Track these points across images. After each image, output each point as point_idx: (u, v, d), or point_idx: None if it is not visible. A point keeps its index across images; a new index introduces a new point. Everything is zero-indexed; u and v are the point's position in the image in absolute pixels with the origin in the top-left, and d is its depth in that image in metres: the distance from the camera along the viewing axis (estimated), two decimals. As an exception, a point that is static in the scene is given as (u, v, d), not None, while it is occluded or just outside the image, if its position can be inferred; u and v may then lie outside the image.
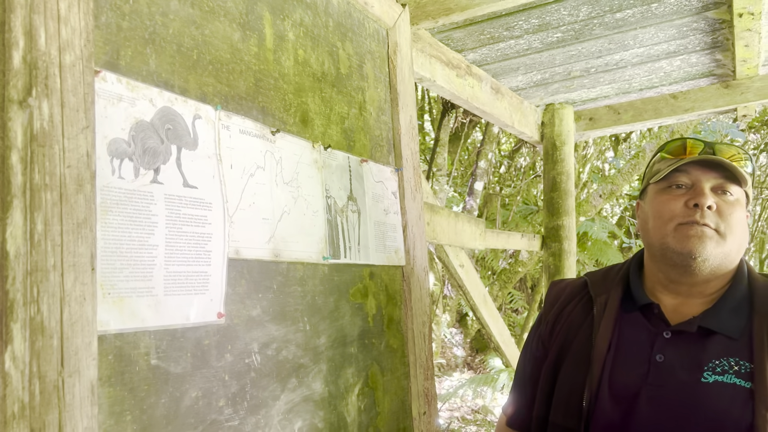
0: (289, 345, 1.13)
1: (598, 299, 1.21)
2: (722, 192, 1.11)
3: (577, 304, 1.26)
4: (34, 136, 0.72)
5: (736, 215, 1.10)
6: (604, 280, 1.26)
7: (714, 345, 1.08)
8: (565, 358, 1.20)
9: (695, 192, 1.11)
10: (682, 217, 1.11)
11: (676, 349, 1.10)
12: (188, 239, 0.93)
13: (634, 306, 1.18)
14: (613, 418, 1.10)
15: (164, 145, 0.92)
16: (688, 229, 1.10)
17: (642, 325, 1.16)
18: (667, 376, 1.08)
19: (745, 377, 1.03)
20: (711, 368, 1.06)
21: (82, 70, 0.79)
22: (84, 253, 0.76)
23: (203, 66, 1.01)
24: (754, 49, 2.41)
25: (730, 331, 1.08)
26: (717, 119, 5.98)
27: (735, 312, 1.10)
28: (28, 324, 0.70)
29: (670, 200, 1.13)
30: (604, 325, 1.17)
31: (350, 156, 1.38)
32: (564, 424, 1.14)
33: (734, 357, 1.05)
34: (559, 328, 1.25)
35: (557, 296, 1.32)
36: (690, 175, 1.13)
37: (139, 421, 0.84)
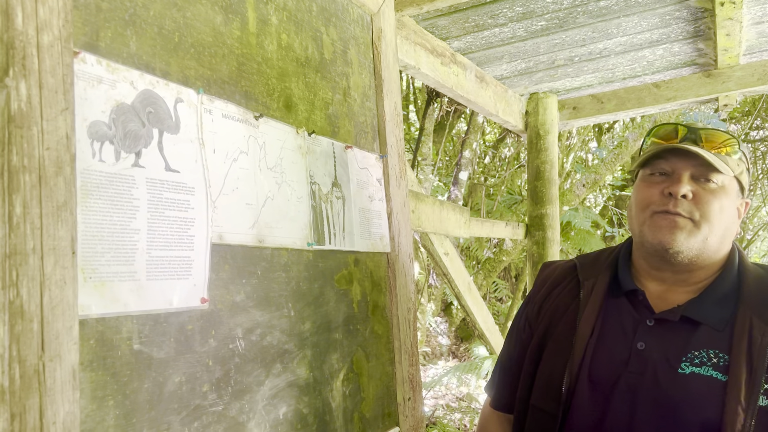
0: (274, 330, 1.13)
1: (586, 283, 1.21)
2: (705, 180, 1.10)
3: (565, 287, 1.25)
4: (12, 117, 0.71)
5: (716, 203, 1.08)
6: (594, 264, 1.25)
7: (696, 336, 1.07)
8: (549, 341, 1.20)
9: (672, 180, 1.11)
10: (657, 206, 1.11)
11: (657, 338, 1.10)
12: (171, 224, 0.92)
13: (621, 291, 1.18)
14: (591, 403, 1.10)
15: (146, 128, 0.91)
16: (661, 219, 1.10)
17: (627, 312, 1.16)
18: (646, 364, 1.08)
19: (722, 370, 1.02)
20: (689, 359, 1.05)
21: (61, 50, 0.78)
22: (64, 236, 0.75)
23: (185, 49, 1.00)
24: (736, 38, 2.44)
25: (713, 322, 1.07)
26: (699, 109, 6.04)
27: (721, 303, 1.09)
28: (7, 308, 0.69)
29: (649, 187, 1.13)
30: (589, 309, 1.16)
31: (334, 142, 1.38)
32: (543, 407, 1.15)
33: (714, 349, 1.05)
34: (546, 310, 1.25)
35: (547, 278, 1.32)
36: (670, 163, 1.12)
37: (122, 406, 0.83)
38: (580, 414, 1.10)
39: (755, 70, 2.82)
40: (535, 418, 1.17)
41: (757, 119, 8.05)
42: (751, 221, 10.12)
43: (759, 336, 1.01)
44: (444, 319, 6.85)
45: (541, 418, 1.15)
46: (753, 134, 8.61)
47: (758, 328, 1.02)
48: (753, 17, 2.37)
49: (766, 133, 8.48)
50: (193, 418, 0.94)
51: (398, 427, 1.51)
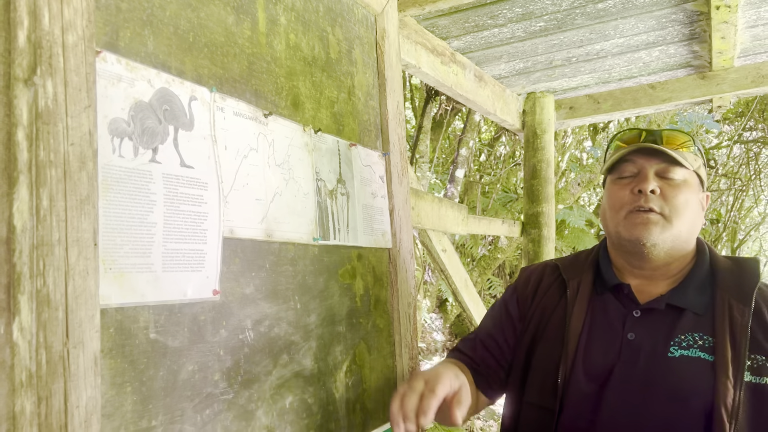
0: (281, 322, 1.16)
1: (571, 282, 1.28)
2: (668, 176, 1.18)
3: (550, 286, 1.33)
4: (39, 114, 0.74)
5: (681, 197, 1.17)
6: (575, 264, 1.33)
7: (681, 321, 1.15)
8: (540, 339, 1.26)
9: (639, 178, 1.19)
10: (629, 205, 1.19)
11: (645, 327, 1.17)
12: (185, 218, 0.96)
13: (605, 287, 1.24)
14: (586, 394, 1.16)
15: (162, 125, 0.94)
16: (635, 217, 1.18)
17: (613, 306, 1.22)
18: (638, 352, 1.15)
19: (708, 351, 1.10)
20: (677, 343, 1.12)
21: (84, 50, 0.81)
22: (87, 228, 0.79)
23: (199, 48, 1.03)
24: (730, 41, 2.48)
25: (696, 307, 1.15)
26: (693, 110, 6.10)
27: (700, 290, 1.17)
28: (35, 296, 0.72)
29: (620, 189, 1.22)
30: (577, 306, 1.23)
31: (339, 140, 1.41)
32: (539, 403, 1.20)
33: (699, 332, 1.12)
34: (535, 306, 1.31)
35: (530, 275, 1.40)
36: (635, 164, 1.21)
37: (139, 392, 0.87)
38: (577, 406, 1.15)
39: (749, 72, 2.87)
40: (530, 414, 1.22)
41: (751, 120, 8.12)
42: (743, 221, 10.22)
43: (739, 316, 1.10)
44: (439, 316, 6.90)
45: (537, 414, 1.20)
46: (746, 135, 8.68)
47: (737, 309, 1.11)
48: (747, 21, 2.41)
49: (759, 134, 8.56)
50: (205, 405, 0.97)
51: (398, 419, 1.54)
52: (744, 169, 8.99)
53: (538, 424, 1.20)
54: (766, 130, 8.35)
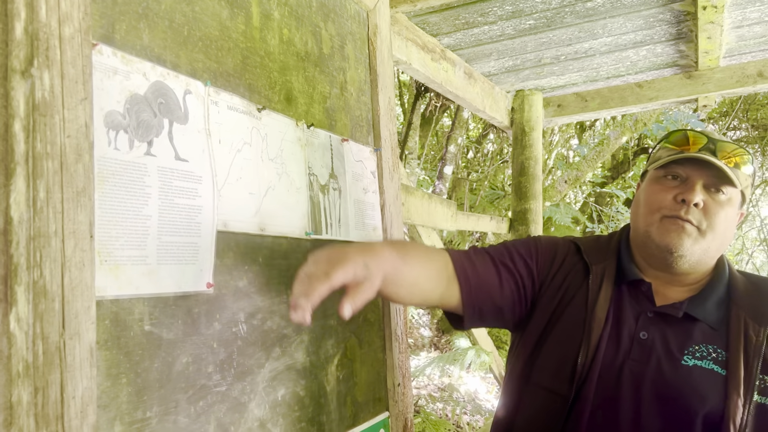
0: (274, 316, 1.17)
1: (595, 267, 1.24)
2: (715, 190, 1.14)
3: (573, 266, 1.27)
4: (36, 106, 0.74)
5: (722, 214, 1.14)
6: (598, 249, 1.28)
7: (695, 331, 1.14)
8: (557, 322, 1.23)
9: (686, 187, 1.14)
10: (668, 210, 1.15)
11: (659, 330, 1.16)
12: (180, 211, 0.96)
13: (623, 279, 1.23)
14: (601, 389, 1.14)
15: (157, 118, 0.94)
16: (670, 223, 1.14)
17: (628, 301, 1.21)
18: (650, 354, 1.14)
19: (721, 365, 1.10)
20: (691, 353, 1.12)
21: (81, 42, 0.81)
22: (83, 220, 0.79)
23: (193, 42, 1.04)
24: (716, 41, 2.52)
25: (711, 321, 1.14)
26: (678, 109, 6.17)
27: (718, 304, 1.16)
28: (32, 287, 0.72)
29: (662, 191, 1.17)
30: (603, 295, 1.20)
31: (332, 135, 1.42)
32: (551, 387, 1.18)
33: (713, 345, 1.12)
34: (554, 281, 1.26)
35: (555, 244, 1.32)
36: (685, 169, 1.16)
37: (134, 383, 0.87)
38: (590, 398, 1.14)
39: (734, 72, 2.91)
40: (538, 396, 1.20)
41: (734, 120, 8.22)
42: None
43: (754, 336, 1.10)
44: (426, 312, 6.92)
45: (547, 398, 1.18)
46: (730, 135, 8.79)
47: (753, 329, 1.10)
48: (733, 21, 2.45)
49: (742, 134, 8.67)
50: (198, 397, 0.98)
51: (388, 412, 1.56)
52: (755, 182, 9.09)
53: (546, 408, 1.18)
54: (749, 129, 8.46)
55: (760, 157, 8.77)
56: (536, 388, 1.20)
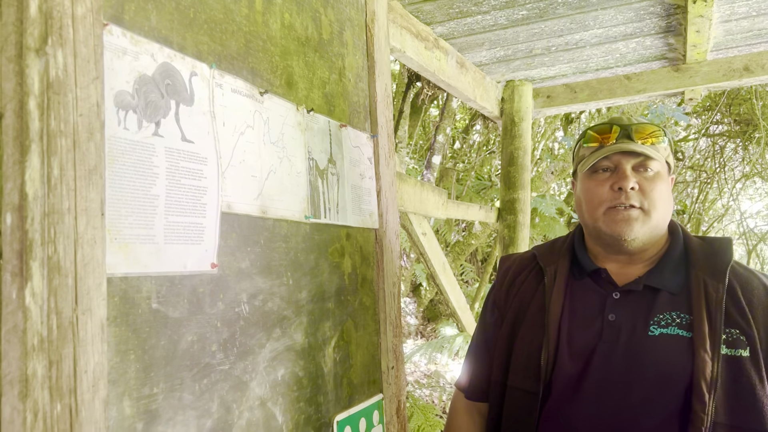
0: (274, 297, 1.19)
1: (548, 269, 1.33)
2: (644, 170, 1.22)
3: (528, 275, 1.37)
4: (50, 84, 0.75)
5: (657, 189, 1.22)
6: (551, 251, 1.38)
7: (658, 301, 1.21)
8: (521, 325, 1.30)
9: (618, 175, 1.23)
10: (609, 201, 1.23)
11: (625, 308, 1.22)
12: (186, 191, 0.97)
13: (583, 273, 1.29)
14: (570, 375, 1.21)
15: (164, 99, 0.95)
16: (615, 213, 1.22)
17: (593, 289, 1.27)
18: (618, 332, 1.20)
19: (686, 328, 1.16)
20: (656, 322, 1.18)
21: (92, 21, 0.82)
22: (95, 198, 0.80)
23: (199, 24, 1.04)
24: (705, 35, 2.56)
25: (671, 287, 1.21)
26: (662, 103, 6.23)
27: (675, 270, 1.23)
28: (46, 263, 0.73)
29: (597, 185, 1.25)
30: (556, 291, 1.28)
31: (330, 120, 1.43)
32: (522, 386, 1.25)
33: (676, 311, 1.18)
34: (513, 296, 1.36)
35: (508, 268, 1.44)
36: (611, 159, 1.24)
37: (142, 360, 0.89)
38: (561, 389, 1.20)
39: (721, 66, 2.96)
40: (514, 398, 1.26)
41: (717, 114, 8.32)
42: (706, 213, 10.50)
43: (714, 293, 1.16)
44: (413, 300, 6.97)
45: (521, 398, 1.24)
46: (713, 129, 8.91)
47: (712, 286, 1.17)
48: (722, 15, 2.49)
49: (725, 128, 8.79)
50: (202, 375, 0.99)
51: (382, 394, 1.59)
52: (710, 162, 9.22)
53: (522, 407, 1.24)
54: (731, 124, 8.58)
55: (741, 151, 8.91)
56: (512, 391, 1.28)
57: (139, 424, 0.87)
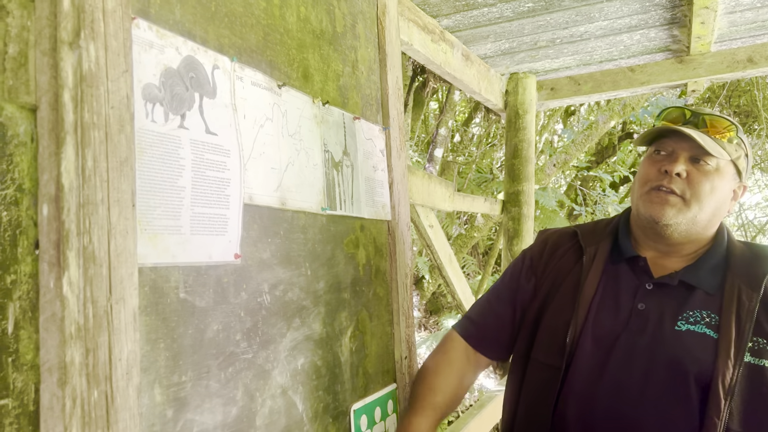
0: (294, 287, 1.20)
1: (588, 249, 1.32)
2: (700, 161, 1.20)
3: (567, 251, 1.37)
4: (83, 77, 0.76)
5: (708, 184, 1.19)
6: (594, 232, 1.37)
7: (691, 298, 1.20)
8: (552, 300, 1.31)
9: (670, 159, 1.22)
10: (653, 182, 1.23)
11: (656, 300, 1.22)
12: (210, 183, 0.99)
13: (621, 258, 1.29)
14: (593, 358, 1.21)
15: (189, 92, 0.96)
16: (654, 195, 1.21)
17: (627, 276, 1.27)
18: (645, 323, 1.20)
19: (713, 328, 1.16)
20: (685, 318, 1.18)
21: (122, 15, 0.83)
22: (126, 189, 0.81)
23: (220, 18, 1.05)
24: (709, 26, 2.57)
25: (707, 286, 1.20)
26: (663, 94, 6.25)
27: (713, 271, 1.22)
28: (82, 253, 0.75)
29: (650, 165, 1.25)
30: (592, 273, 1.28)
31: (344, 113, 1.45)
32: (545, 361, 1.26)
33: (707, 310, 1.18)
34: (550, 270, 1.35)
35: (547, 240, 1.43)
36: (671, 143, 1.23)
37: (171, 348, 0.90)
38: (582, 367, 1.21)
39: (725, 57, 2.97)
40: (536, 371, 1.28)
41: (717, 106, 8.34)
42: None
43: (747, 300, 1.15)
44: (415, 293, 7.00)
45: (543, 371, 1.26)
46: (713, 120, 8.91)
47: (746, 294, 1.16)
48: (727, 7, 2.50)
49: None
50: (227, 363, 1.01)
51: (395, 384, 1.61)
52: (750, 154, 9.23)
53: (543, 380, 1.25)
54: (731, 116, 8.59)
55: (741, 143, 8.92)
56: (535, 364, 1.29)
57: (169, 411, 0.89)
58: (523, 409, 1.31)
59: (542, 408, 1.24)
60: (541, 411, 1.24)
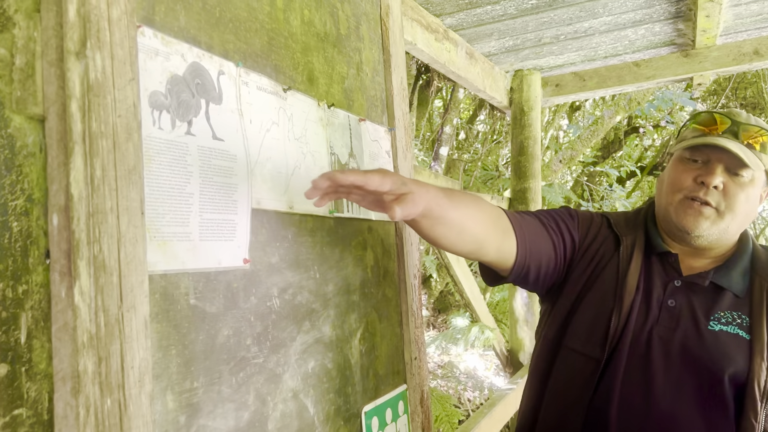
0: (303, 291, 1.20)
1: (625, 239, 1.30)
2: (736, 173, 1.19)
3: (606, 237, 1.33)
4: (90, 86, 0.77)
5: (742, 195, 1.18)
6: (626, 222, 1.35)
7: (721, 299, 1.20)
8: (590, 289, 1.28)
9: (707, 170, 1.20)
10: (688, 191, 1.21)
11: (685, 298, 1.22)
12: (218, 189, 0.99)
13: (652, 252, 1.29)
14: (634, 353, 1.20)
15: (195, 99, 0.96)
16: (689, 205, 1.20)
17: (657, 271, 1.27)
18: (677, 320, 1.20)
19: (746, 329, 1.16)
20: (716, 318, 1.18)
21: (127, 24, 0.83)
22: (135, 197, 0.82)
23: (225, 23, 1.06)
24: (715, 19, 2.55)
25: (737, 289, 1.20)
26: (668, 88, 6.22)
27: (743, 274, 1.22)
28: (92, 262, 0.75)
29: (684, 171, 1.22)
30: (634, 264, 1.26)
31: (350, 115, 1.45)
32: (583, 351, 1.24)
33: (737, 311, 1.18)
34: (590, 250, 1.31)
35: (591, 217, 1.37)
36: (707, 152, 1.20)
37: (182, 355, 0.90)
38: (623, 361, 1.20)
39: (730, 50, 2.95)
40: (572, 360, 1.25)
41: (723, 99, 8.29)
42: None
43: None
44: (423, 291, 7.00)
45: (581, 361, 1.24)
46: (719, 113, 8.85)
47: None
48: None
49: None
50: (239, 368, 1.01)
51: (406, 384, 1.60)
52: None
53: (579, 371, 1.23)
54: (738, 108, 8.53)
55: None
56: (569, 352, 1.26)
57: (182, 417, 0.89)
58: (550, 400, 1.29)
59: (577, 399, 1.22)
60: (575, 402, 1.22)
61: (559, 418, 1.27)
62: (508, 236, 1.23)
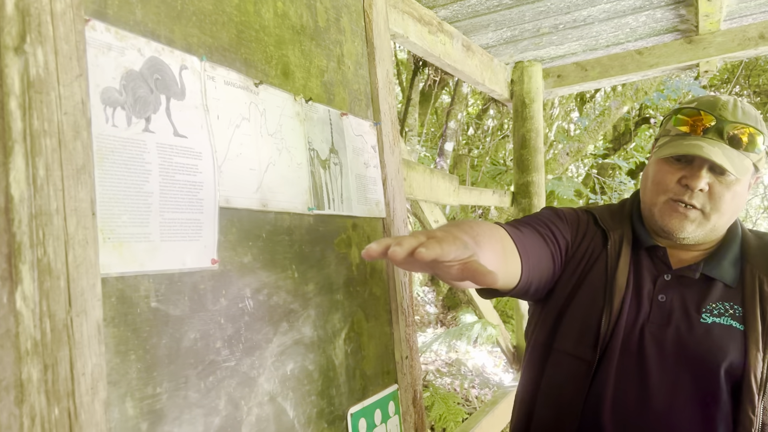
0: (280, 291, 1.17)
1: (612, 234, 1.26)
2: (722, 173, 1.13)
3: (594, 234, 1.29)
4: (31, 83, 0.74)
5: (729, 195, 1.13)
6: (612, 217, 1.30)
7: (712, 290, 1.16)
8: (579, 288, 1.24)
9: (691, 172, 1.14)
10: (673, 193, 1.16)
11: (676, 291, 1.18)
12: (181, 187, 0.96)
13: (640, 246, 1.24)
14: (626, 352, 1.16)
15: (154, 94, 0.93)
16: (674, 208, 1.15)
17: (646, 266, 1.23)
18: (668, 315, 1.16)
19: (739, 320, 1.12)
20: (708, 310, 1.14)
21: (73, 17, 0.80)
22: (84, 198, 0.79)
23: (187, 17, 1.02)
24: (717, 3, 2.48)
25: (728, 279, 1.16)
26: (678, 77, 6.11)
27: (733, 263, 1.18)
28: (36, 265, 0.72)
29: (668, 172, 1.17)
30: (622, 261, 1.21)
31: (330, 109, 1.41)
32: (574, 353, 1.20)
33: (729, 302, 1.14)
34: (580, 248, 1.27)
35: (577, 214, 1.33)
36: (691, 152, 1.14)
37: (143, 360, 0.87)
38: (614, 362, 1.16)
39: (735, 35, 2.87)
40: (563, 363, 1.21)
41: (736, 86, 8.15)
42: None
43: None
44: (431, 289, 6.95)
45: (572, 364, 1.20)
46: (732, 101, 8.70)
47: None
48: (733, -18, 2.41)
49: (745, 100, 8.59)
50: (208, 372, 0.98)
51: (396, 384, 1.57)
52: None
53: (571, 373, 1.19)
54: (751, 96, 8.39)
55: (762, 123, 8.70)
56: (560, 355, 1.22)
57: (144, 424, 0.86)
58: (543, 404, 1.25)
59: (571, 403, 1.18)
60: (569, 406, 1.18)
61: (553, 421, 1.23)
62: (513, 259, 1.16)
